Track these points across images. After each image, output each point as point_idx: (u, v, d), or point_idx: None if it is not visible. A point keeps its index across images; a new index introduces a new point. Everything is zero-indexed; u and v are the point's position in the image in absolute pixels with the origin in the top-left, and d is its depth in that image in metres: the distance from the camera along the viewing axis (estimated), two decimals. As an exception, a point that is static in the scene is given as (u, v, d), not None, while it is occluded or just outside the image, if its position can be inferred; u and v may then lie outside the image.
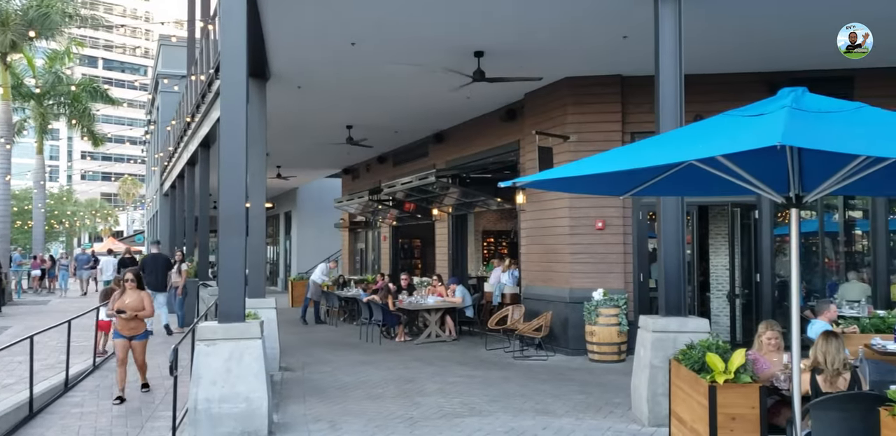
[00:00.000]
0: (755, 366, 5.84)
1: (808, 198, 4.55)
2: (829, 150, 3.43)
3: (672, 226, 7.47)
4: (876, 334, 8.09)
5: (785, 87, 4.42)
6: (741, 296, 12.18)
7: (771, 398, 5.75)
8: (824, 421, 4.89)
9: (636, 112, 11.47)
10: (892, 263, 12.22)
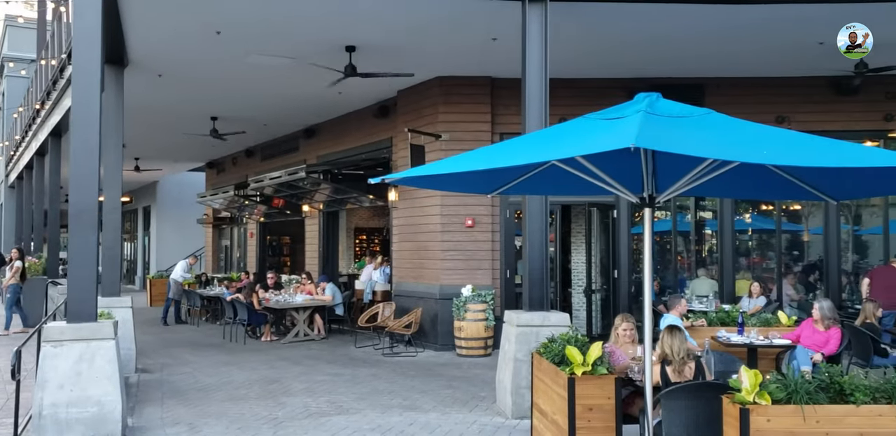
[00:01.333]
0: (611, 358, 6.12)
1: (660, 198, 4.79)
2: (678, 152, 3.62)
3: (536, 224, 7.69)
4: (722, 327, 8.68)
5: (641, 93, 4.65)
6: (600, 291, 12.74)
7: (626, 389, 6.04)
8: (673, 409, 5.18)
9: (505, 113, 11.74)
10: (738, 261, 13.16)
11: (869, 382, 4.65)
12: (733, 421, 4.59)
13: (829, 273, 12.19)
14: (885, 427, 4.51)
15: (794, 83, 11.74)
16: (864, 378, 4.71)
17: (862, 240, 13.05)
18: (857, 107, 11.77)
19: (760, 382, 4.59)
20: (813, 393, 4.55)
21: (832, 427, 4.51)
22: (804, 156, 3.76)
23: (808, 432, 4.51)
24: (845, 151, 3.92)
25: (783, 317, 8.92)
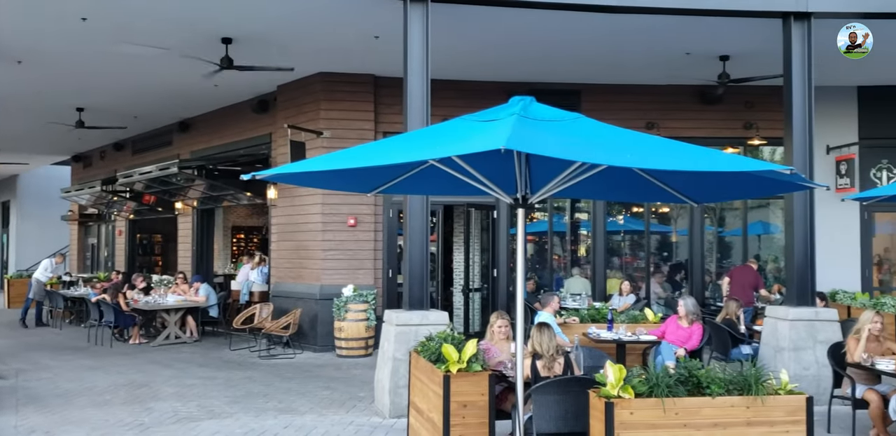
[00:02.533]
0: (487, 355, 6.22)
1: (533, 199, 4.91)
2: (547, 155, 3.72)
3: (417, 223, 7.72)
4: (592, 324, 9.00)
5: (516, 96, 4.76)
6: (480, 290, 12.94)
7: (500, 385, 6.15)
8: (543, 404, 5.33)
9: (388, 112, 11.71)
10: (611, 261, 13.70)
11: (724, 375, 4.94)
12: (599, 414, 4.76)
13: (694, 272, 12.90)
14: (737, 417, 4.81)
15: (663, 91, 12.34)
16: (720, 372, 5.00)
17: (725, 241, 13.87)
18: (720, 115, 12.50)
19: (625, 376, 4.79)
20: (673, 387, 4.79)
21: (690, 419, 4.77)
22: (665, 160, 3.95)
23: (667, 423, 4.74)
24: (704, 156, 4.15)
25: (650, 314, 9.35)
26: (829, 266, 11.57)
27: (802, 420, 4.87)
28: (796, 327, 8.21)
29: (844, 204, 11.86)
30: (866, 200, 7.50)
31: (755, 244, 13.87)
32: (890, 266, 13.26)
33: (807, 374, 8.06)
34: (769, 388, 4.92)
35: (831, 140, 12.35)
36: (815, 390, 7.80)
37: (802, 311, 8.31)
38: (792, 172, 3.71)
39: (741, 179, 4.56)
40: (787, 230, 8.68)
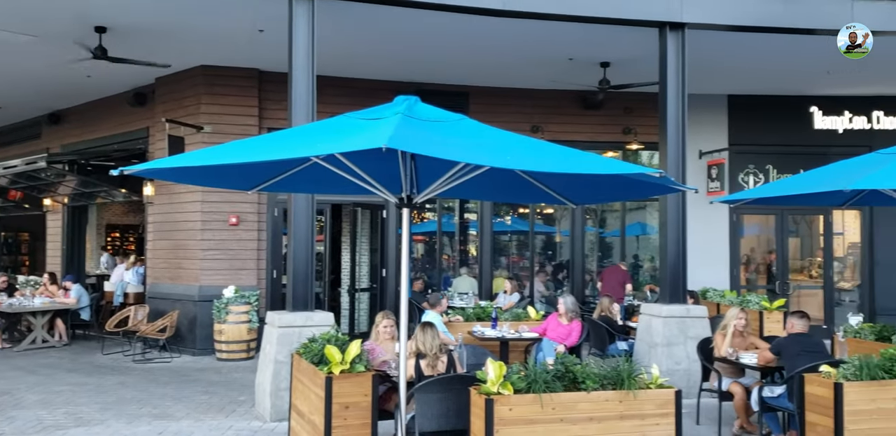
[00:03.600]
0: (371, 355, 6.18)
1: (418, 199, 4.92)
2: (429, 155, 3.73)
3: (302, 222, 7.57)
4: (478, 322, 9.12)
5: (400, 96, 4.75)
6: (369, 290, 12.86)
7: (383, 385, 6.12)
8: (426, 403, 5.34)
9: (273, 108, 11.45)
10: (499, 261, 13.93)
11: (599, 370, 5.11)
12: (479, 411, 4.83)
13: (575, 271, 13.30)
14: (610, 411, 4.98)
15: (547, 95, 12.65)
16: (596, 367, 5.17)
17: (606, 242, 14.38)
18: (600, 120, 12.94)
19: (505, 373, 4.87)
20: (550, 382, 4.91)
21: (566, 413, 4.90)
22: (543, 162, 4.04)
23: (545, 418, 4.85)
24: (580, 159, 4.27)
25: (532, 312, 9.57)
26: (701, 266, 12.20)
27: (671, 413, 5.10)
28: (669, 323, 8.60)
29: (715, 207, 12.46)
30: (733, 203, 7.94)
31: (633, 245, 14.45)
32: (756, 266, 14.10)
33: (678, 368, 8.45)
34: (641, 382, 5.12)
35: (703, 145, 13.02)
36: (686, 383, 8.20)
37: (675, 308, 8.71)
38: (661, 176, 3.87)
39: (615, 181, 4.72)
40: (661, 232, 9.08)
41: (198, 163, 4.21)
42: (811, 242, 14.23)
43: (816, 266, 13.83)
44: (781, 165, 13.23)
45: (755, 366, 6.78)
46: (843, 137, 13.13)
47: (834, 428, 5.50)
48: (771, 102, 13.13)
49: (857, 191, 6.84)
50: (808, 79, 12.07)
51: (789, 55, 10.60)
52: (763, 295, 11.99)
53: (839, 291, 13.68)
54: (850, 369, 5.63)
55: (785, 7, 9.01)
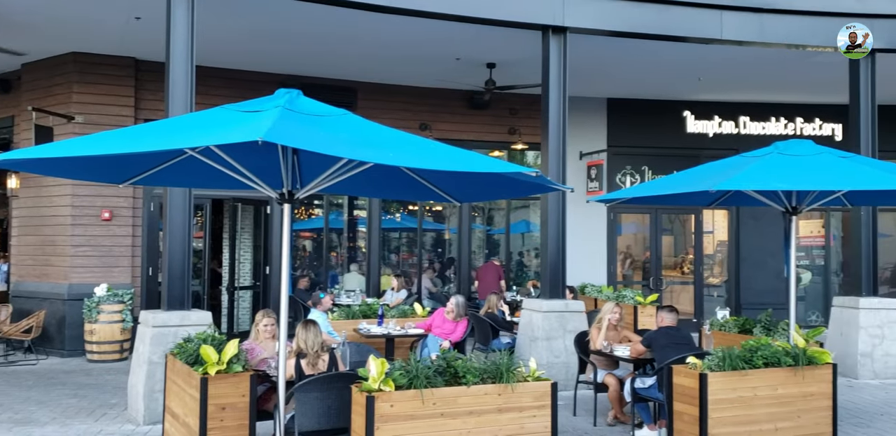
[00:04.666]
0: (250, 355, 6.04)
1: (299, 194, 4.83)
2: (308, 149, 3.68)
3: (179, 217, 7.30)
4: (364, 320, 9.09)
5: (282, 89, 4.65)
6: (253, 288, 12.55)
7: (263, 385, 6.00)
8: (306, 402, 5.27)
9: (151, 99, 10.98)
10: (388, 258, 13.91)
11: (479, 365, 5.20)
12: (360, 409, 4.81)
13: (462, 268, 13.47)
14: (489, 404, 5.08)
15: (435, 94, 12.74)
16: (476, 362, 5.25)
17: (494, 239, 14.61)
18: (487, 120, 13.16)
19: (386, 370, 4.87)
20: (432, 377, 4.95)
21: (447, 408, 4.96)
22: (425, 159, 4.07)
23: (426, 413, 4.89)
24: (460, 157, 4.32)
25: (419, 308, 9.62)
26: (581, 262, 12.62)
27: (548, 405, 5.25)
28: (549, 318, 8.84)
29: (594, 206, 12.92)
30: (608, 202, 8.25)
31: (519, 242, 14.77)
32: (632, 262, 14.72)
33: (557, 361, 8.71)
34: (519, 375, 5.25)
35: (584, 147, 13.47)
36: (565, 375, 8.47)
37: (555, 303, 8.97)
38: (537, 175, 3.97)
39: (495, 179, 4.82)
40: (542, 230, 9.32)
41: (63, 154, 3.97)
42: (684, 240, 14.98)
43: (688, 263, 14.59)
44: (656, 167, 13.86)
45: (628, 358, 7.07)
46: (713, 140, 13.90)
47: (699, 416, 5.82)
48: (647, 106, 13.73)
49: (722, 191, 7.24)
50: (682, 85, 12.71)
51: (664, 61, 11.13)
52: (638, 290, 12.55)
53: (708, 286, 14.48)
54: (713, 360, 5.98)
55: (659, 15, 9.43)
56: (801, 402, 6.14)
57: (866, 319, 9.63)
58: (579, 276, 12.67)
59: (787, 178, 5.86)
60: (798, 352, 6.15)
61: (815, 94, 13.23)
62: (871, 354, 9.55)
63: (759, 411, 5.97)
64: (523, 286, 13.26)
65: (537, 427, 5.19)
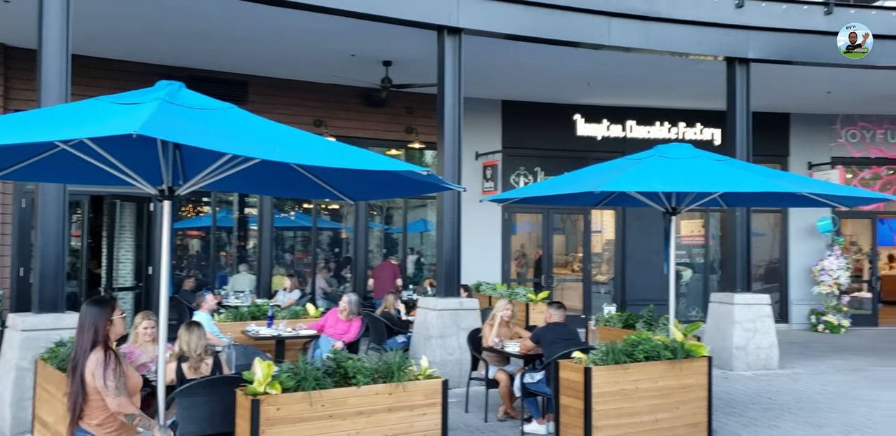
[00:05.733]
0: (129, 359, 5.77)
1: (180, 191, 4.64)
2: (188, 144, 3.53)
3: (52, 215, 6.89)
4: (252, 321, 8.86)
5: (163, 80, 4.46)
6: (135, 289, 12.03)
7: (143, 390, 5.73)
8: (188, 407, 5.08)
9: (22, 88, 10.29)
10: (283, 257, 13.61)
11: (370, 364, 5.15)
12: (245, 413, 4.68)
13: (358, 267, 13.36)
14: (380, 404, 5.05)
15: (331, 90, 12.58)
16: (367, 362, 5.20)
17: (392, 238, 14.54)
18: (384, 118, 13.10)
19: (273, 372, 4.75)
20: (321, 379, 4.87)
21: (336, 409, 4.89)
22: (312, 156, 3.99)
23: (315, 416, 4.81)
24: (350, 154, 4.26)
25: (311, 309, 9.47)
26: (476, 260, 12.78)
27: (439, 403, 5.27)
28: (443, 316, 8.89)
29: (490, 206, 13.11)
30: (500, 202, 8.38)
31: (417, 241, 14.78)
32: (526, 261, 15.01)
33: (451, 359, 8.77)
34: (410, 374, 5.24)
35: (480, 147, 13.63)
36: (459, 373, 8.54)
37: (449, 301, 9.03)
38: (428, 174, 3.97)
39: (388, 178, 4.78)
40: (437, 229, 9.37)
41: None
42: (575, 239, 15.40)
43: (578, 261, 15.02)
44: (549, 168, 14.19)
45: (518, 354, 7.20)
46: (601, 143, 14.35)
47: (584, 409, 5.99)
48: (541, 109, 14.04)
49: (607, 192, 7.47)
50: (573, 89, 13.07)
51: (557, 66, 11.40)
52: (530, 288, 12.81)
53: (596, 283, 14.95)
54: (598, 354, 6.16)
55: (551, 20, 9.65)
56: (679, 393, 6.42)
57: (741, 314, 10.18)
58: (475, 274, 12.82)
59: (667, 180, 6.10)
60: (676, 346, 6.42)
61: (697, 101, 13.88)
62: (745, 347, 10.10)
63: (640, 403, 6.20)
64: (420, 285, 13.28)
65: (428, 425, 5.21)
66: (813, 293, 14.55)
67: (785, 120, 15.07)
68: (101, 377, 3.52)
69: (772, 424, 7.25)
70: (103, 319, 3.68)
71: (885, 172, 15.50)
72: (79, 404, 3.58)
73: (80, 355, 3.59)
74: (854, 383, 9.21)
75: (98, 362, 3.55)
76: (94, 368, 3.54)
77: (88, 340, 3.62)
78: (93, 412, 3.59)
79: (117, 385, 3.54)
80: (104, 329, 3.66)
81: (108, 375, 3.53)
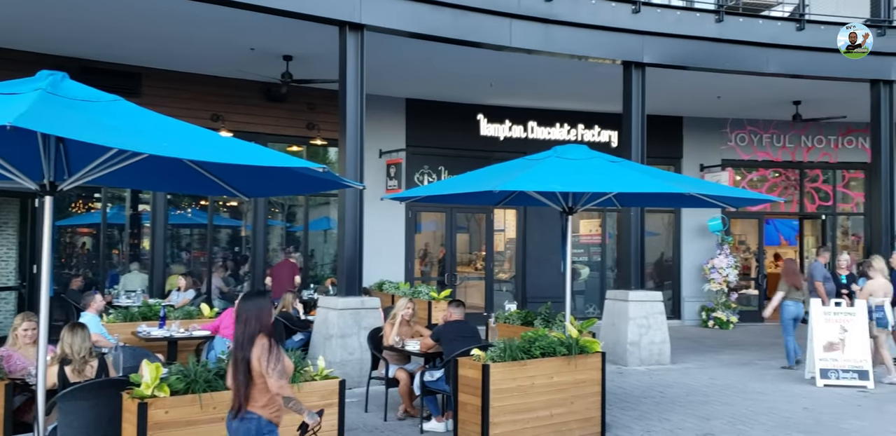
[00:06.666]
0: (7, 362, 5.48)
1: (63, 186, 4.43)
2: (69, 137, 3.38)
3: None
4: (143, 322, 8.54)
5: (44, 70, 4.25)
6: (18, 288, 11.39)
7: (23, 395, 5.47)
8: (71, 411, 4.84)
9: None
10: (179, 256, 13.16)
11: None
12: (131, 417, 4.52)
13: (256, 266, 13.07)
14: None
15: (229, 84, 12.25)
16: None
17: (295, 236, 14.28)
18: (284, 113, 12.86)
19: (162, 374, 4.60)
20: (213, 381, 4.74)
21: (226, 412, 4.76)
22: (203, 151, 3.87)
23: (205, 418, 4.68)
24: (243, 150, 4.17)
25: (206, 309, 9.21)
26: (380, 259, 12.76)
27: (335, 403, 5.22)
28: (344, 315, 8.82)
29: (395, 205, 13.08)
30: (402, 200, 8.38)
31: (320, 239, 14.57)
32: (430, 259, 15.06)
33: (352, 358, 8.72)
34: (307, 375, 5.17)
35: (384, 145, 13.59)
36: (359, 372, 8.50)
37: (350, 300, 8.96)
38: (324, 171, 3.92)
39: (284, 174, 4.70)
40: (339, 227, 9.28)
41: None
42: (478, 238, 15.56)
43: (481, 259, 15.19)
44: (452, 167, 14.27)
45: (418, 352, 7.22)
46: (504, 143, 14.56)
47: (481, 406, 6.05)
48: (445, 108, 14.12)
49: (507, 192, 7.59)
50: (476, 89, 13.20)
51: (460, 66, 11.49)
52: (433, 286, 12.87)
53: (498, 281, 15.17)
54: (496, 351, 6.25)
55: (454, 20, 9.72)
56: (574, 388, 6.58)
57: (635, 310, 10.54)
58: (378, 273, 12.78)
59: (563, 180, 6.25)
60: (571, 342, 6.59)
61: (596, 103, 14.29)
62: (639, 342, 10.47)
63: (536, 398, 6.33)
64: (322, 284, 13.11)
65: (324, 426, 5.13)
66: (703, 291, 15.24)
67: (678, 123, 15.71)
68: (266, 361, 3.87)
69: (662, 417, 7.54)
70: (264, 310, 4.02)
71: (772, 175, 16.38)
72: (245, 389, 3.91)
73: (244, 344, 3.92)
74: (741, 377, 9.69)
75: (264, 348, 3.90)
76: (260, 353, 3.88)
77: (253, 329, 3.94)
78: (257, 395, 3.92)
79: (279, 369, 3.89)
80: (266, 319, 4.00)
81: (272, 359, 3.88)
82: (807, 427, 7.16)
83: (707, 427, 7.15)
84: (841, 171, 16.51)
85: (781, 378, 9.58)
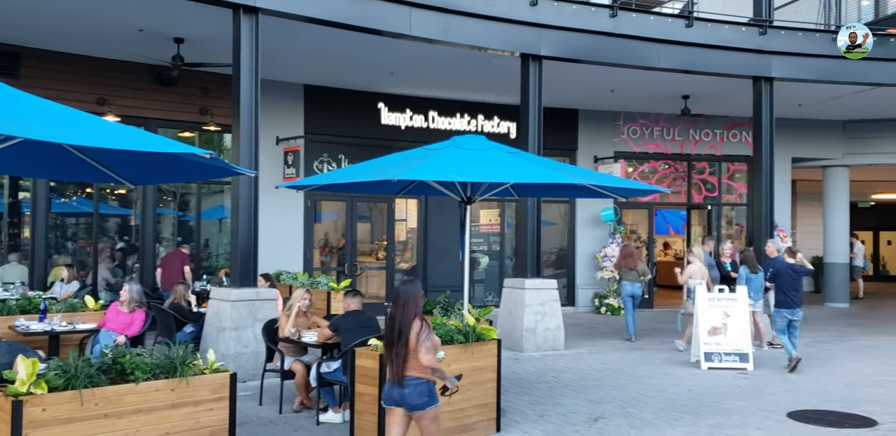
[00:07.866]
0: None
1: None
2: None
3: None
4: (22, 315, 8.08)
5: None
6: None
7: None
8: (-65, 414, 4.52)
9: None
10: (64, 246, 12.47)
11: (150, 359, 4.85)
12: (5, 415, 4.26)
13: (146, 256, 12.57)
14: (162, 401, 4.77)
15: (116, 67, 11.67)
16: (148, 357, 4.89)
17: (188, 225, 13.81)
18: (176, 98, 12.37)
19: (39, 370, 4.35)
20: (95, 376, 4.53)
21: (111, 408, 4.56)
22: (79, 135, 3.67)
23: (87, 415, 4.47)
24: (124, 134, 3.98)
25: (91, 301, 8.78)
26: (278, 249, 12.49)
27: (226, 397, 5.08)
28: (238, 307, 8.60)
29: (292, 193, 12.82)
30: (298, 189, 8.23)
31: (214, 228, 14.14)
32: (330, 249, 14.88)
33: (246, 351, 8.52)
34: (196, 368, 5.00)
35: (281, 132, 13.28)
36: (255, 365, 8.31)
37: (244, 291, 8.74)
38: (211, 157, 3.79)
39: (170, 160, 4.52)
40: (232, 216, 9.02)
41: None
42: (380, 228, 15.49)
43: (382, 249, 15.13)
44: (353, 156, 14.11)
45: (316, 344, 7.12)
46: (405, 132, 14.51)
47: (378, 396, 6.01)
48: (345, 95, 13.94)
49: (407, 181, 7.58)
50: (377, 77, 13.09)
51: (360, 53, 11.36)
52: (333, 276, 12.73)
53: (400, 271, 15.15)
54: (392, 341, 6.21)
55: (354, 6, 9.59)
56: (471, 375, 6.63)
57: (531, 298, 10.76)
58: (276, 263, 12.51)
59: (461, 170, 6.29)
60: (468, 330, 6.65)
61: (495, 95, 14.45)
62: (535, 329, 10.70)
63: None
64: (216, 275, 12.74)
65: (215, 420, 5.00)
66: (596, 278, 15.73)
67: (574, 116, 16.10)
68: (421, 339, 4.61)
69: (556, 401, 7.74)
70: (419, 296, 4.80)
71: (662, 167, 17.04)
72: (403, 360, 4.65)
73: (405, 324, 4.66)
74: (631, 361, 10.06)
75: (420, 328, 4.65)
76: (418, 331, 4.64)
77: (412, 311, 4.69)
78: (412, 364, 4.66)
79: (427, 345, 4.63)
80: (420, 303, 4.78)
81: (425, 337, 4.63)
82: (691, 408, 7.51)
83: (598, 410, 7.39)
84: (726, 163, 17.34)
85: (669, 362, 10.01)
